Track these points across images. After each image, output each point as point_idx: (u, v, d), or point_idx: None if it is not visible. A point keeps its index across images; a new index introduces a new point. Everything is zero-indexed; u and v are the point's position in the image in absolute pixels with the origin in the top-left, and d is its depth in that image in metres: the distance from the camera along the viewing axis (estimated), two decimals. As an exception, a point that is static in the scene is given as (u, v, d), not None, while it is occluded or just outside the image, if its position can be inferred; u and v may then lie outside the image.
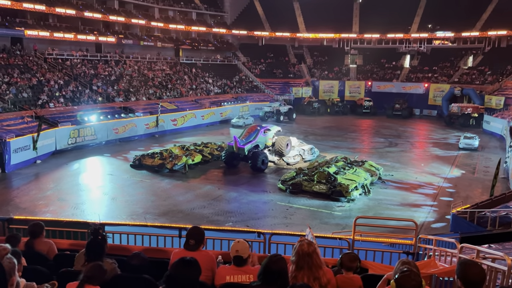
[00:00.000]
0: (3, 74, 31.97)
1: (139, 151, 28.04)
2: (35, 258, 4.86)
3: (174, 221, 15.45)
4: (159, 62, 48.78)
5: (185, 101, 42.11)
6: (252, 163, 24.02)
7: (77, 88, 35.53)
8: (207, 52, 56.32)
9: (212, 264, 4.97)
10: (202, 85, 48.39)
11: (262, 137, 25.49)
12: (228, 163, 24.91)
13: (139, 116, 34.38)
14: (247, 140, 24.73)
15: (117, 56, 44.63)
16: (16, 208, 17.49)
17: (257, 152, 24.36)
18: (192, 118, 39.33)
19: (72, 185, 21.38)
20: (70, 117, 29.76)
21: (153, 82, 43.16)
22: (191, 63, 52.39)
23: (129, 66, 44.04)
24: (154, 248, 6.38)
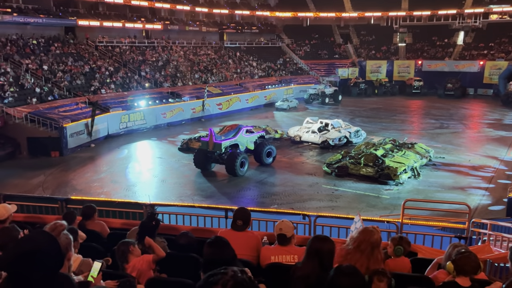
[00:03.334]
0: (58, 63, 33.56)
1: (186, 135, 28.67)
2: (90, 236, 5.13)
3: (220, 202, 15.77)
4: (204, 46, 49.27)
5: (229, 85, 42.40)
6: (228, 165, 19.76)
7: (127, 75, 36.70)
8: (251, 35, 56.17)
9: (258, 244, 5.04)
10: (246, 69, 48.44)
11: (243, 137, 21.23)
12: (197, 164, 20.64)
13: (186, 100, 35.04)
14: (226, 137, 20.79)
15: (164, 42, 45.55)
16: (73, 189, 18.51)
17: (234, 153, 19.98)
18: (237, 102, 39.58)
19: (123, 168, 22.29)
20: (120, 103, 30.87)
21: (198, 67, 43.75)
22: (235, 46, 52.50)
23: (175, 51, 44.86)
24: (202, 228, 6.56)
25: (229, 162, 19.64)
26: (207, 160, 20.70)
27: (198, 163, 20.65)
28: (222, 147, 20.04)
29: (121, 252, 4.00)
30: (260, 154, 20.91)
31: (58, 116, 25.74)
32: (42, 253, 2.02)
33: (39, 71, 31.12)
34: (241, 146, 20.95)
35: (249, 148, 21.23)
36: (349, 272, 2.77)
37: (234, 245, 3.58)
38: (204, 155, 20.53)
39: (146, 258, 4.08)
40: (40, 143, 24.06)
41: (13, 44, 32.94)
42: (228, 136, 20.81)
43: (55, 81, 31.10)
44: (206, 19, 53.15)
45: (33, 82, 29.67)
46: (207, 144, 20.20)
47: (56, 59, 33.91)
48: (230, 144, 20.41)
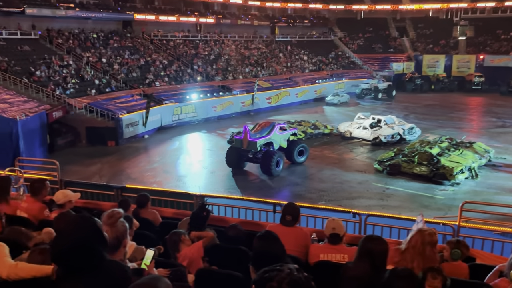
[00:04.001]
0: (115, 56, 34.99)
1: (235, 128, 28.95)
2: (143, 224, 5.29)
3: (267, 196, 15.79)
4: (255, 40, 49.41)
5: (279, 79, 42.28)
6: (263, 164, 19.22)
7: (180, 68, 37.60)
8: (303, 29, 55.60)
9: (306, 241, 4.97)
10: (297, 63, 48.06)
11: (277, 135, 20.40)
12: (230, 162, 20.00)
13: (236, 94, 35.36)
14: (260, 135, 20.07)
15: (216, 36, 46.17)
16: (128, 177, 19.26)
17: (270, 152, 19.40)
18: (286, 96, 39.40)
19: (175, 159, 22.92)
20: (173, 95, 31.70)
21: (249, 61, 43.97)
22: (286, 40, 52.22)
23: (227, 45, 45.34)
24: (250, 221, 6.58)
25: (265, 161, 19.02)
26: (240, 158, 19.90)
27: (231, 161, 19.87)
28: (257, 146, 19.23)
29: (173, 242, 4.09)
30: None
31: (115, 107, 26.86)
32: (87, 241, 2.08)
33: (98, 64, 32.61)
34: (275, 144, 20.16)
35: (282, 146, 20.45)
36: (404, 275, 2.66)
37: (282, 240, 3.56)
38: (237, 154, 19.75)
39: (197, 245, 4.15)
40: (97, 132, 25.25)
41: (75, 38, 34.71)
42: (262, 134, 20.07)
43: (113, 74, 32.46)
44: (258, 12, 53.22)
45: (93, 74, 31.14)
46: (241, 142, 19.43)
47: (114, 52, 35.36)
48: (265, 142, 19.75)
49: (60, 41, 33.18)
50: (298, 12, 57.19)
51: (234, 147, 19.99)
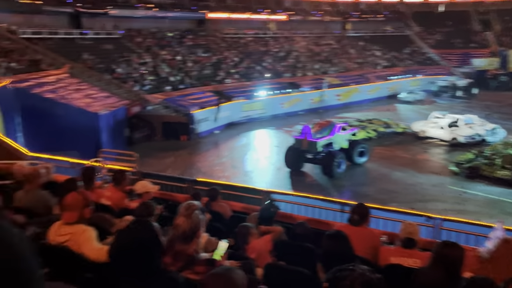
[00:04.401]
0: (189, 53, 36.35)
1: (302, 124, 28.76)
2: (214, 217, 5.48)
3: (333, 195, 15.58)
4: (325, 36, 48.71)
5: (350, 75, 41.29)
6: (324, 166, 18.50)
7: (250, 65, 38.16)
8: (376, 24, 53.75)
9: (376, 242, 4.88)
10: (369, 59, 46.63)
11: (338, 135, 19.62)
12: (289, 163, 19.43)
13: (305, 91, 35.14)
14: (321, 135, 19.28)
15: (286, 33, 46.18)
16: (198, 171, 19.98)
17: (332, 153, 18.65)
18: (357, 93, 38.41)
19: (243, 154, 23.36)
20: (243, 92, 32.26)
21: (319, 57, 43.47)
22: (358, 36, 50.83)
23: (296, 42, 45.18)
24: (317, 220, 6.55)
25: (326, 162, 18.35)
26: (298, 159, 19.25)
27: (290, 162, 19.31)
28: (317, 147, 18.56)
29: (242, 234, 4.20)
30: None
31: (188, 103, 27.94)
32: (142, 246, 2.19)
33: (173, 62, 34.10)
34: (335, 145, 19.40)
35: (343, 146, 19.61)
36: (484, 285, 2.50)
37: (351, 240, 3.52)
38: (296, 154, 19.15)
39: (265, 238, 4.22)
40: (171, 127, 26.43)
41: (153, 37, 36.56)
42: (323, 134, 19.33)
43: (187, 71, 33.77)
44: (330, 8, 52.35)
45: (168, 71, 32.63)
46: (301, 143, 18.85)
47: (188, 50, 36.74)
48: (326, 143, 19.06)
49: (139, 40, 35.13)
50: (371, 7, 55.39)
51: (293, 147, 19.42)
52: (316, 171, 19.75)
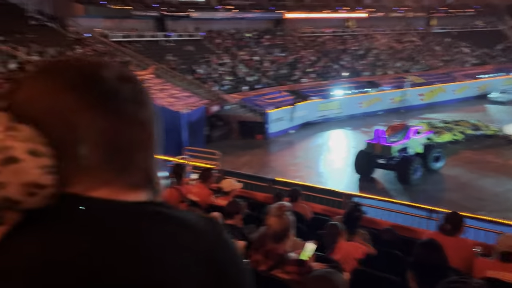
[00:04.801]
0: (266, 54, 36.74)
1: (381, 126, 27.77)
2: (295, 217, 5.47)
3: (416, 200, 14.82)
4: (408, 33, 46.54)
5: (434, 74, 39.03)
6: (400, 172, 17.29)
7: (327, 64, 37.64)
8: (465, 18, 50.19)
9: (469, 253, 4.63)
10: (456, 56, 43.72)
11: (414, 139, 18.31)
12: (358, 168, 18.39)
13: (385, 90, 33.88)
14: (395, 139, 18.02)
15: (366, 31, 44.88)
16: (273, 170, 20.09)
17: (409, 158, 17.41)
18: (442, 92, 36.19)
19: (317, 154, 23.10)
20: (319, 92, 31.89)
21: (400, 55, 41.67)
22: (444, 32, 47.86)
23: (376, 39, 43.72)
24: (405, 226, 6.27)
25: (402, 168, 17.10)
26: (369, 164, 18.27)
27: (359, 167, 18.27)
28: (392, 151, 17.47)
29: (331, 234, 4.15)
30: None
31: (264, 103, 28.27)
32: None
33: (250, 62, 34.69)
34: (410, 150, 18.12)
35: (418, 151, 18.27)
36: None
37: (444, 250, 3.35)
38: (367, 159, 18.10)
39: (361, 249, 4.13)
40: (248, 126, 26.92)
41: (231, 38, 37.51)
42: (397, 137, 18.13)
43: (263, 71, 34.17)
44: (413, 3, 49.87)
45: (245, 71, 33.27)
46: (373, 147, 17.83)
47: (265, 50, 37.16)
48: (401, 147, 17.87)
49: (218, 41, 36.23)
50: (459, 1, 51.84)
51: (364, 151, 18.44)
52: (386, 176, 18.80)
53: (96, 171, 0.66)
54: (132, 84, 0.72)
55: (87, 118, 0.65)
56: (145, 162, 0.72)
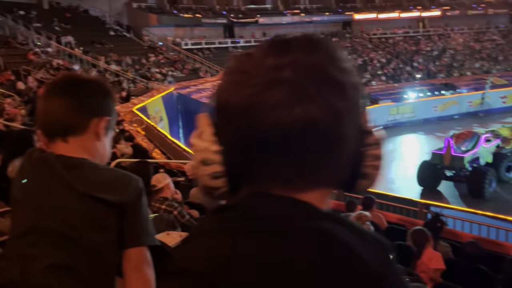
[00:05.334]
0: (334, 57, 36.18)
1: (458, 130, 26.12)
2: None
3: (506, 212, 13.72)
4: (488, 31, 43.49)
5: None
6: (472, 184, 15.50)
7: (398, 66, 36.25)
8: (555, 13, 45.95)
9: None
10: (545, 54, 40.09)
11: (484, 148, 16.52)
12: (422, 180, 16.74)
13: (462, 92, 31.91)
14: (466, 148, 16.28)
15: (441, 30, 42.64)
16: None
17: (482, 169, 15.75)
18: (527, 94, 33.33)
19: (389, 161, 22.07)
20: (390, 95, 30.78)
21: (480, 55, 39.03)
22: (532, 28, 44.14)
23: (453, 39, 41.36)
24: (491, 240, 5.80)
25: (476, 181, 15.45)
26: (435, 176, 16.69)
27: (423, 179, 16.74)
28: (464, 162, 15.81)
29: (419, 240, 3.97)
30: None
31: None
32: None
33: (317, 65, 34.36)
34: (481, 159, 16.50)
35: (488, 161, 16.58)
36: None
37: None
38: (432, 171, 16.57)
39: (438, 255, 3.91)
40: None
41: (299, 42, 37.42)
42: (467, 147, 16.48)
43: (331, 74, 33.68)
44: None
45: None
46: (441, 158, 16.25)
47: (333, 53, 36.60)
48: (473, 158, 16.23)
49: (287, 46, 36.35)
50: (548, -6, 47.53)
51: (429, 163, 16.84)
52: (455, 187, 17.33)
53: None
54: None
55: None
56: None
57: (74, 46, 24.22)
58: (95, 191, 1.33)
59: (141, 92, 19.96)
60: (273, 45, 0.68)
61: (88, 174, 1.37)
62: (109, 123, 1.45)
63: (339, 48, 0.68)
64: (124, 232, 1.36)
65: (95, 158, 1.43)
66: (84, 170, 1.37)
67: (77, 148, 1.39)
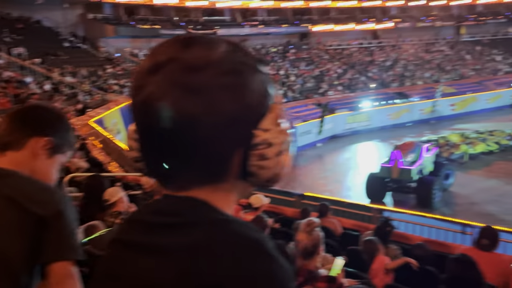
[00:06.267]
0: (292, 67, 36.88)
1: (411, 137, 27.21)
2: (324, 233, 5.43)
3: (451, 215, 14.39)
4: (437, 43, 45.85)
5: (465, 83, 38.13)
6: (420, 195, 15.72)
7: (354, 76, 37.43)
8: (496, 26, 49.02)
9: (506, 269, 4.47)
10: (488, 65, 42.63)
11: (427, 158, 16.78)
12: (370, 193, 16.60)
13: (414, 101, 33.35)
14: (411, 160, 16.42)
15: (393, 41, 44.49)
16: (301, 184, 19.89)
17: (428, 179, 15.94)
18: (474, 102, 35.25)
19: (347, 168, 22.83)
20: (347, 104, 31.68)
21: (429, 65, 41.02)
22: (474, 40, 46.86)
23: (404, 50, 43.26)
24: (438, 241, 6.11)
25: (423, 191, 15.58)
26: (382, 189, 16.76)
27: (372, 192, 16.70)
28: (412, 175, 15.93)
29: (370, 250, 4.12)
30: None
31: (291, 117, 28.26)
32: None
33: (276, 76, 34.86)
34: (424, 170, 16.68)
35: (430, 170, 16.87)
36: None
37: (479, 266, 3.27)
38: (380, 183, 16.65)
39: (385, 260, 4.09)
40: (275, 140, 26.88)
41: (257, 53, 37.89)
42: (413, 158, 16.61)
43: (289, 85, 34.27)
44: (441, 12, 49.16)
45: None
46: (389, 171, 16.26)
47: (291, 65, 37.31)
48: (419, 169, 16.36)
49: (244, 57, 36.66)
50: (490, 8, 50.72)
51: (376, 175, 16.85)
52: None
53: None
54: None
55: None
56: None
57: (26, 58, 23.39)
58: (18, 197, 1.36)
59: (97, 104, 19.52)
60: (153, 49, 0.71)
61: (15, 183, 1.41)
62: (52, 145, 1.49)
63: (229, 49, 0.69)
64: (46, 246, 1.36)
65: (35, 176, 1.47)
66: (12, 179, 1.41)
67: (13, 162, 1.45)
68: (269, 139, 0.69)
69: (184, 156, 0.67)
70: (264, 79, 0.72)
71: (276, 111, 0.73)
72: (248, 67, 0.70)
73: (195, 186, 0.69)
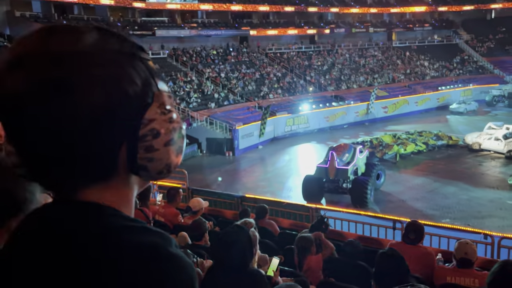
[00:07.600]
0: (233, 70, 37.00)
1: (347, 139, 28.35)
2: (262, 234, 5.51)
3: (386, 211, 15.16)
4: (370, 48, 48.10)
5: (397, 87, 40.40)
6: (355, 195, 16.20)
7: (293, 79, 38.27)
8: (423, 33, 52.48)
9: (431, 261, 4.80)
10: (417, 69, 45.47)
11: (360, 159, 17.49)
12: (307, 195, 16.72)
13: (350, 104, 34.72)
14: (346, 160, 17.02)
15: (329, 46, 46.03)
16: (243, 186, 20.09)
17: (362, 179, 16.51)
18: (405, 104, 37.42)
19: (287, 169, 23.28)
20: (286, 107, 32.32)
21: (364, 69, 42.91)
22: (404, 46, 49.80)
23: (340, 54, 44.90)
24: (368, 237, 6.41)
25: (358, 191, 16.09)
26: (319, 190, 16.93)
27: (309, 194, 16.67)
28: (348, 174, 16.38)
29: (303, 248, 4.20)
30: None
31: (232, 119, 28.35)
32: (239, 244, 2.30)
33: (217, 79, 34.82)
34: (358, 170, 17.30)
35: (362, 171, 17.72)
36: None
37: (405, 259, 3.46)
38: (317, 185, 16.80)
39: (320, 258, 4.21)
40: (216, 143, 26.86)
41: (197, 55, 37.59)
42: (347, 159, 17.11)
43: (230, 88, 34.36)
44: (374, 19, 51.73)
45: (213, 88, 33.34)
46: (326, 172, 16.58)
47: (232, 67, 37.43)
48: (354, 169, 17.16)
49: (184, 59, 36.23)
50: (417, 16, 54.19)
51: (313, 177, 17.06)
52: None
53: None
54: None
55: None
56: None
57: None
58: None
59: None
60: (15, 41, 0.65)
61: None
62: None
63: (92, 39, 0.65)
64: None
65: None
66: None
67: None
68: (156, 129, 0.66)
69: (65, 157, 0.61)
70: (144, 67, 0.67)
71: (161, 99, 0.68)
72: (124, 55, 0.65)
73: (83, 186, 0.65)
